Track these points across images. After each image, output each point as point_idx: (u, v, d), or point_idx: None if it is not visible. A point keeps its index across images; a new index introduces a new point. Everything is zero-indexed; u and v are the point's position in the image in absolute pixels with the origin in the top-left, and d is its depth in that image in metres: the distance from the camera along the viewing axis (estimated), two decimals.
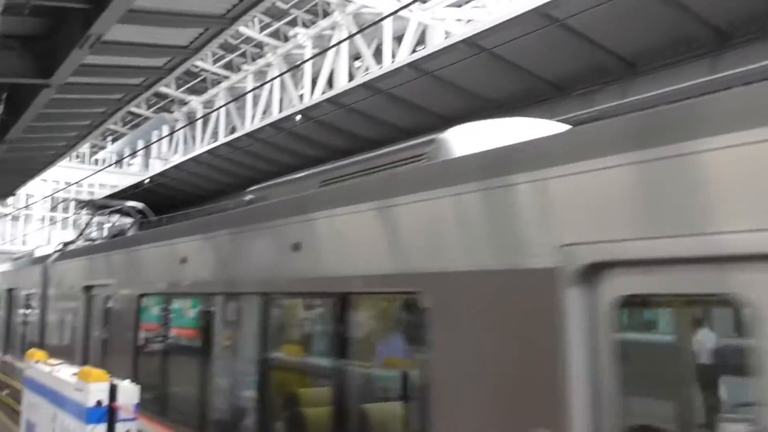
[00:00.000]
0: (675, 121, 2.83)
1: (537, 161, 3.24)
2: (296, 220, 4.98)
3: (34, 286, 13.04)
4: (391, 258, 4.00)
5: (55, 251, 13.27)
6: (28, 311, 13.66)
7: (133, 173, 42.42)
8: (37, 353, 6.63)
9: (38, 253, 15.11)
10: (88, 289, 10.00)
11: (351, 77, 27.97)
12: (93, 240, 13.67)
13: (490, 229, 3.38)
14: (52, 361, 6.39)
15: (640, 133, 2.89)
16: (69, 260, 11.55)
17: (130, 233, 11.95)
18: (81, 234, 14.23)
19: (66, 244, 13.81)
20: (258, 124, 20.77)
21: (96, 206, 13.63)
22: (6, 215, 43.14)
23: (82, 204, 13.87)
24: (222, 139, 25.31)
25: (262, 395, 5.08)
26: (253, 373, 5.17)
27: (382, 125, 17.32)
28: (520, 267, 3.15)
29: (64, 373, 5.67)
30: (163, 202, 22.33)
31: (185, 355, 6.88)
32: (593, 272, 2.87)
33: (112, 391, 5.02)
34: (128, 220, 13.73)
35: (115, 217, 14.02)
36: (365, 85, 16.10)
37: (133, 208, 13.46)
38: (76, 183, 24.12)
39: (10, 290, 15.29)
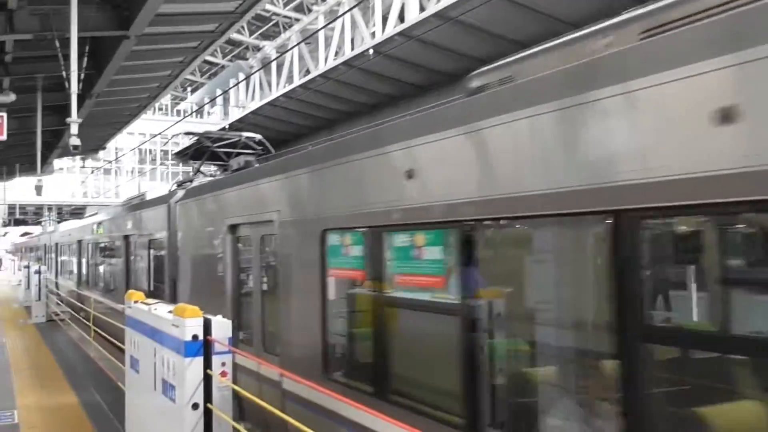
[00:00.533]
0: None
1: None
2: None
3: (157, 231, 11.71)
4: None
5: (175, 191, 11.72)
6: (151, 259, 12.29)
7: (214, 122, 43.34)
8: (134, 294, 6.95)
9: (149, 197, 13.61)
10: (233, 228, 8.32)
11: (422, 9, 27.31)
12: (213, 176, 12.38)
13: None
14: (150, 300, 6.70)
15: None
16: (202, 198, 9.67)
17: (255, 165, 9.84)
18: (197, 171, 12.73)
19: (181, 184, 12.31)
20: (331, 63, 20.68)
21: (211, 140, 11.98)
22: (98, 168, 45.00)
23: (196, 138, 12.26)
24: (297, 81, 25.39)
25: None
26: None
27: (457, 56, 16.93)
28: None
29: (161, 311, 5.93)
30: (243, 148, 22.77)
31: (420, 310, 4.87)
32: None
33: (207, 326, 5.23)
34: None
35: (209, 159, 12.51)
36: (437, 15, 15.69)
37: (251, 139, 12.15)
38: (160, 134, 24.83)
39: (126, 237, 13.99)
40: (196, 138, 12.54)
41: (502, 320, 4.06)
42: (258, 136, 12.19)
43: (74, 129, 10.57)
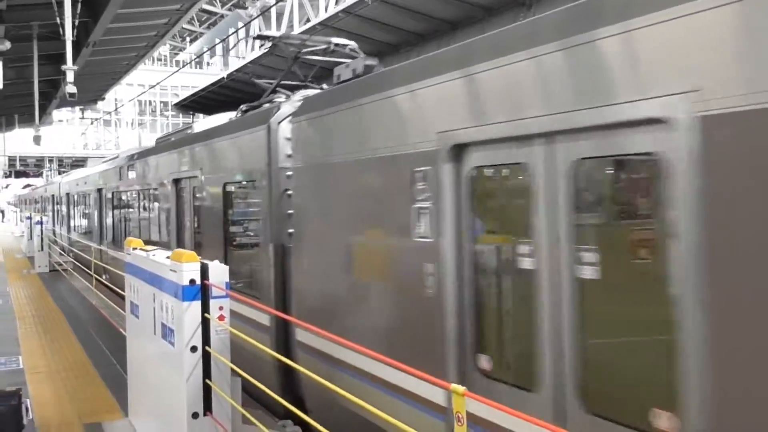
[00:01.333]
0: None
1: None
2: None
3: (242, 168, 8.10)
4: None
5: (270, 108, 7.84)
6: (226, 210, 8.69)
7: (213, 73, 42.93)
8: (134, 241, 6.98)
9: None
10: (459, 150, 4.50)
11: None
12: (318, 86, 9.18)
13: None
14: (148, 247, 6.73)
15: None
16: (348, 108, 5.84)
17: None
18: (275, 88, 9.31)
19: (247, 111, 9.17)
20: (332, 11, 20.34)
21: (294, 45, 9.06)
22: (97, 119, 44.73)
23: (274, 40, 9.28)
24: (297, 29, 25.05)
25: None
26: None
27: (459, 4, 16.65)
28: None
29: (160, 256, 5.97)
30: (243, 98, 22.60)
31: None
32: None
33: (204, 270, 5.27)
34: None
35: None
36: None
37: (343, 46, 9.22)
38: (158, 84, 24.64)
39: (177, 181, 11.00)
40: (270, 43, 10.30)
41: None
42: (352, 43, 9.32)
43: (70, 77, 10.48)
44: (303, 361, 6.07)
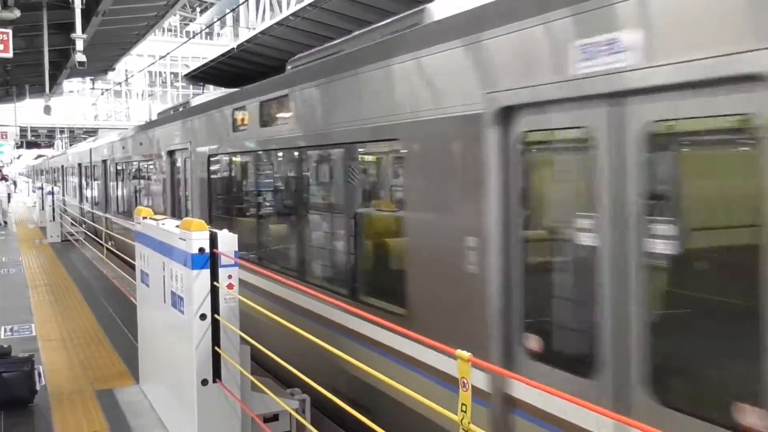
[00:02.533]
0: None
1: None
2: None
3: None
4: None
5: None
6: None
7: (224, 44, 42.66)
8: (143, 210, 6.99)
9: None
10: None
11: None
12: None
13: None
14: (157, 216, 6.74)
15: None
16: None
17: None
18: None
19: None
20: None
21: None
22: (108, 90, 44.69)
23: None
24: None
25: None
26: None
27: None
28: None
29: (169, 225, 5.98)
30: (253, 70, 22.51)
31: None
32: None
33: (213, 239, 5.27)
34: None
35: None
36: None
37: None
38: (168, 54, 24.52)
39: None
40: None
41: None
42: None
43: (79, 45, 10.45)
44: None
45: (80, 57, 10.51)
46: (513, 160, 4.01)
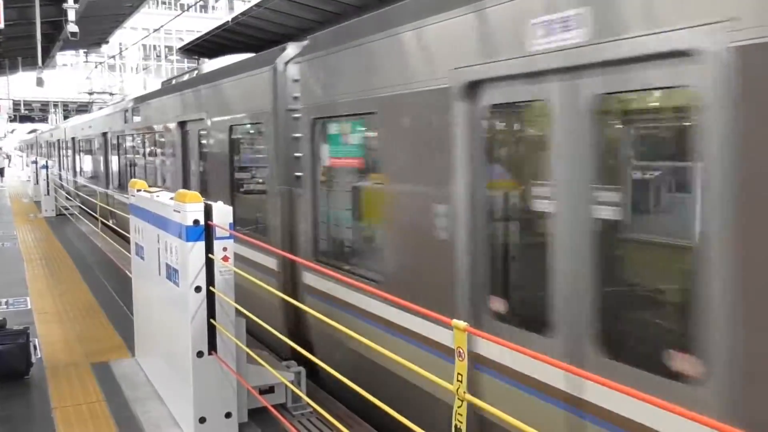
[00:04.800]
0: None
1: None
2: None
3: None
4: None
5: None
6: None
7: (218, 17, 42.22)
8: (138, 183, 6.94)
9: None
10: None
11: None
12: None
13: None
14: (153, 189, 6.69)
15: None
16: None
17: None
18: None
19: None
20: None
21: None
22: (101, 63, 44.25)
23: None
24: None
25: None
26: None
27: None
28: None
29: (164, 197, 5.94)
30: (249, 43, 22.26)
31: None
32: None
33: (208, 211, 5.24)
34: None
35: None
36: None
37: None
38: (162, 27, 24.26)
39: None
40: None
41: None
42: None
43: (71, 15, 10.31)
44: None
45: (72, 27, 10.36)
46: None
